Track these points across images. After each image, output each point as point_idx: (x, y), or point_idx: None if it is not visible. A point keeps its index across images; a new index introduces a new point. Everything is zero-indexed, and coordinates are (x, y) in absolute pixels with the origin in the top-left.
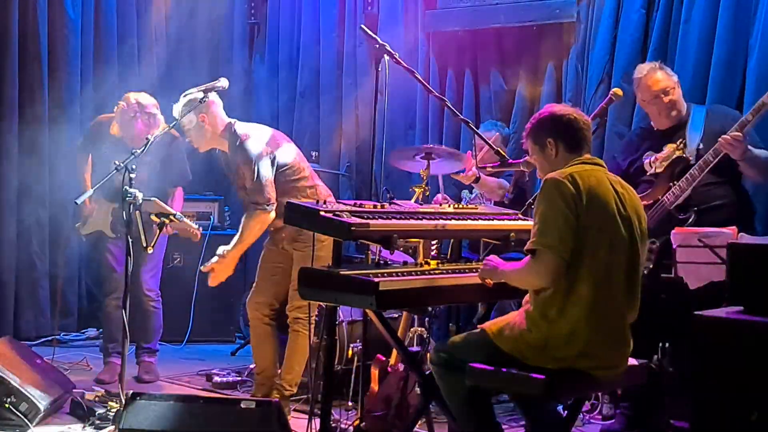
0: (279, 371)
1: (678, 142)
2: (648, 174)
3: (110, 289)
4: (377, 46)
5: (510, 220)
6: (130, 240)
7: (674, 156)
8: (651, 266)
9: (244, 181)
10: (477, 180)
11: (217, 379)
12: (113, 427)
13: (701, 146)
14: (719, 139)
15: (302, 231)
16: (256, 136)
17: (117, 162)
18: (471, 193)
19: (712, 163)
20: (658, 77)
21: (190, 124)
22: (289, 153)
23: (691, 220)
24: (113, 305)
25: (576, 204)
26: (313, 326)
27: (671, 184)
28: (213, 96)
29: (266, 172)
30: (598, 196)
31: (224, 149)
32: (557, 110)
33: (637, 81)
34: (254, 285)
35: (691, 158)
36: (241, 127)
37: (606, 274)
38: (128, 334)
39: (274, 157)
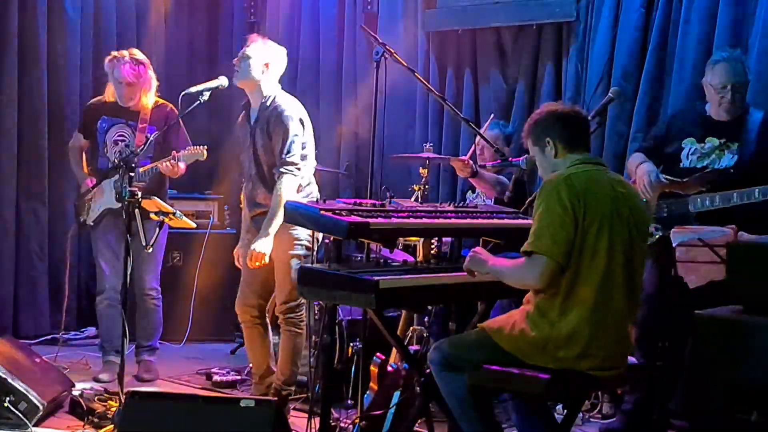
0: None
1: (722, 142)
2: (680, 165)
3: (100, 289)
4: (377, 45)
5: (510, 218)
6: (129, 238)
7: (709, 164)
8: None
9: (261, 145)
10: (474, 174)
11: (216, 378)
12: (112, 426)
13: (757, 158)
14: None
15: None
16: (299, 112)
17: (117, 161)
18: (473, 192)
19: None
20: (735, 68)
21: (255, 58)
22: (310, 143)
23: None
24: (104, 304)
25: (574, 206)
26: (303, 323)
27: (703, 190)
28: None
29: (297, 141)
30: (596, 197)
31: (254, 101)
32: (554, 109)
33: (713, 63)
34: (240, 287)
35: (738, 173)
36: (286, 97)
37: (607, 275)
38: (127, 333)
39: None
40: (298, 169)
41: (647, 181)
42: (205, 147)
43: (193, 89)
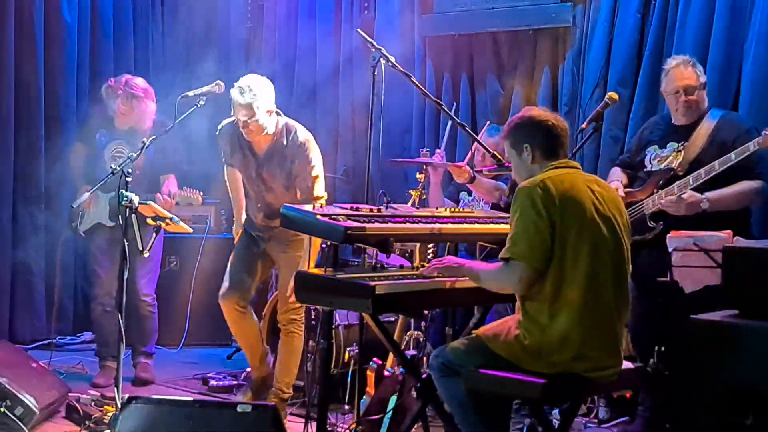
0: (275, 373)
1: (680, 144)
2: (645, 170)
3: (95, 294)
4: (373, 50)
5: (506, 223)
6: (126, 243)
7: (665, 166)
8: None
9: (282, 183)
10: (472, 180)
11: (213, 382)
12: (109, 431)
13: (700, 157)
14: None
15: (296, 235)
16: (311, 137)
17: (113, 166)
18: (470, 195)
19: (684, 193)
20: (685, 73)
21: (262, 116)
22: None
23: (657, 231)
24: (99, 310)
25: (549, 211)
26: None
27: (655, 190)
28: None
29: (322, 173)
30: (572, 199)
31: (259, 139)
32: (536, 115)
33: (666, 70)
34: (226, 281)
35: (681, 170)
36: (299, 128)
37: (592, 275)
38: (124, 337)
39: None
40: (326, 200)
41: None
42: (201, 193)
43: (189, 94)
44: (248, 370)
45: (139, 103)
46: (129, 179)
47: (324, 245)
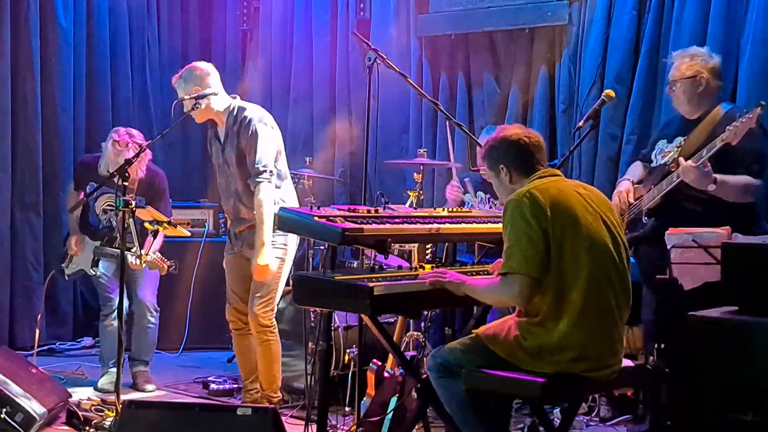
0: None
1: (684, 139)
2: (651, 165)
3: (107, 311)
4: (369, 51)
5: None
6: (125, 253)
7: (665, 161)
8: None
9: (235, 161)
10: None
11: (213, 386)
12: None
13: (696, 152)
14: (680, 162)
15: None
16: (267, 118)
17: (105, 227)
18: (476, 196)
19: (673, 183)
20: (675, 65)
21: (186, 96)
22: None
23: (648, 226)
24: (112, 325)
25: (539, 219)
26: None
27: (652, 187)
28: (208, 68)
29: (268, 147)
30: (562, 204)
31: (219, 121)
32: (507, 135)
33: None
34: (228, 296)
35: (674, 166)
36: (251, 108)
37: (592, 274)
38: (123, 343)
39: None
40: (271, 173)
41: (619, 201)
42: (174, 268)
43: (186, 98)
44: (240, 373)
45: (145, 154)
46: (125, 183)
47: (322, 247)
